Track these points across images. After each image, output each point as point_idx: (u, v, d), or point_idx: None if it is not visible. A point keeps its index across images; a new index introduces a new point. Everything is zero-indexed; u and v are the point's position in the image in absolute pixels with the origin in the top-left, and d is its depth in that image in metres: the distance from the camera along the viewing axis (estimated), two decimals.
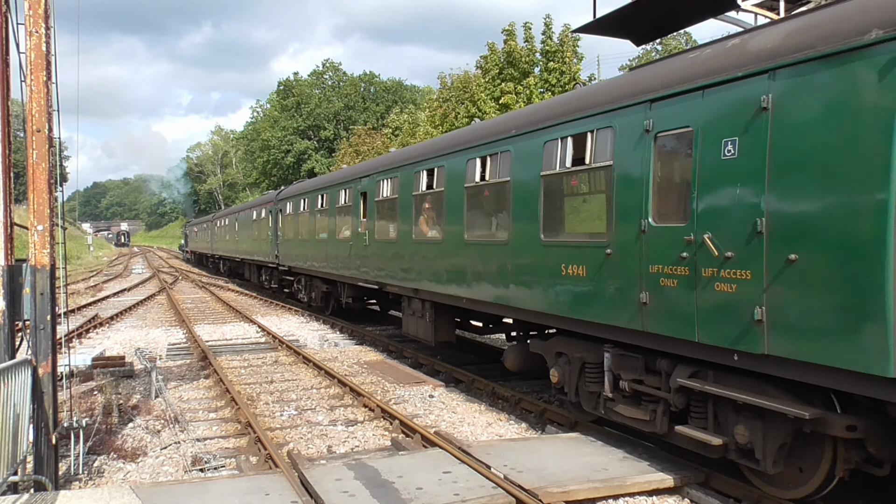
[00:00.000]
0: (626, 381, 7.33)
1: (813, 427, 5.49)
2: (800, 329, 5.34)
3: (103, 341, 17.11)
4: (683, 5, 8.53)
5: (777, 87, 5.53)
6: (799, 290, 5.33)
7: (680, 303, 6.39)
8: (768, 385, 5.87)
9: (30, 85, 6.76)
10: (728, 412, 6.26)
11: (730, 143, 5.91)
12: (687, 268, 6.30)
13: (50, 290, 6.85)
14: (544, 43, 28.60)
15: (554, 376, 8.64)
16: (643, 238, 6.81)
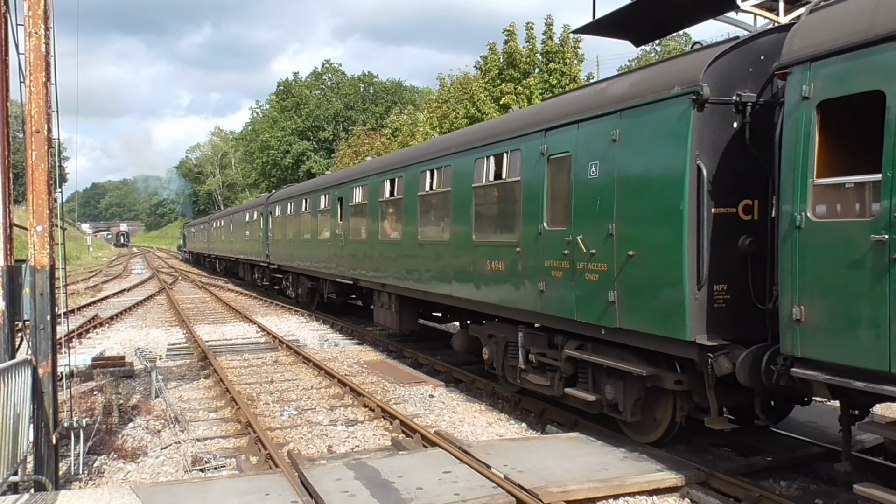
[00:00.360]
0: (533, 355, 8.99)
1: (654, 383, 7.19)
2: (637, 307, 7.05)
3: (103, 341, 17.12)
4: (683, 6, 8.56)
5: (622, 124, 7.25)
6: (635, 278, 7.06)
7: (564, 289, 8.09)
8: (629, 353, 7.41)
9: (29, 86, 6.77)
10: (601, 375, 7.95)
11: (593, 165, 7.63)
12: (568, 262, 8.01)
13: (49, 290, 6.85)
14: (545, 44, 28.59)
15: (485, 354, 10.31)
16: (540, 239, 8.56)
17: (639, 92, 7.17)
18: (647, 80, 7.31)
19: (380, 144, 44.04)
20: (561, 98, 9.44)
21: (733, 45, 6.62)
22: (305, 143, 70.98)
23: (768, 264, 6.32)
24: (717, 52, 6.57)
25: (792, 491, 6.79)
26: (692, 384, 6.91)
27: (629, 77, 7.77)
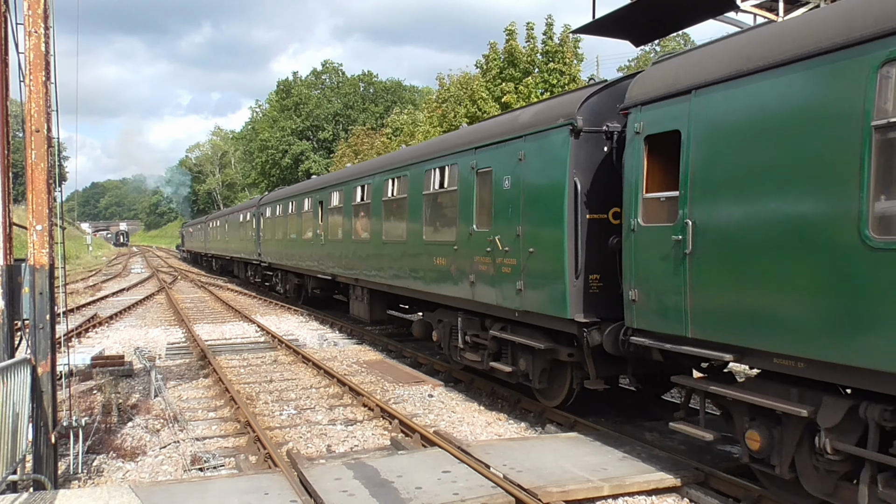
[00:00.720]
0: (469, 336, 10.61)
1: (553, 356, 8.78)
2: (536, 293, 8.69)
3: (102, 341, 17.11)
4: (682, 6, 8.56)
5: (526, 146, 8.91)
6: (534, 270, 8.68)
7: (489, 280, 9.71)
8: (538, 332, 8.93)
9: (29, 85, 6.77)
10: (517, 351, 9.57)
11: (507, 179, 9.25)
12: (490, 258, 9.62)
13: (49, 289, 6.85)
14: (545, 43, 28.60)
15: (435, 337, 12.07)
16: (471, 238, 10.20)
17: (536, 122, 8.88)
18: (543, 112, 8.97)
19: (380, 144, 44.02)
20: (489, 122, 11.32)
21: (603, 87, 8.29)
22: (304, 143, 70.97)
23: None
24: (590, 91, 8.27)
25: (793, 490, 6.79)
26: (580, 356, 8.46)
27: (533, 108, 9.57)
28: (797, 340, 5.43)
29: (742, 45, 6.21)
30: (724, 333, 6.10)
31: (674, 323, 6.61)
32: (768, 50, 5.77)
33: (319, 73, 76.15)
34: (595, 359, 8.22)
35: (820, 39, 5.31)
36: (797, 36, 5.60)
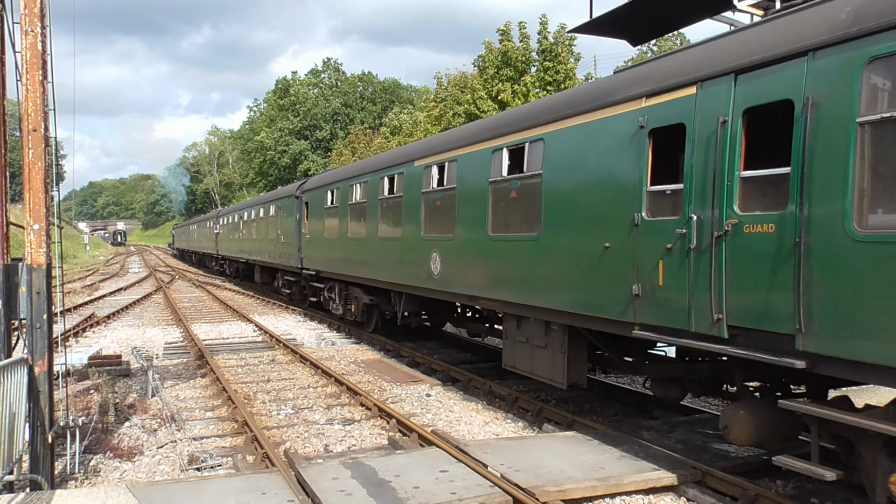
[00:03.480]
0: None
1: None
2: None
3: (100, 340, 17.09)
4: (679, 6, 8.55)
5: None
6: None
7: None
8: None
9: (26, 84, 6.76)
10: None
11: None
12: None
13: (46, 288, 6.84)
14: (540, 42, 28.65)
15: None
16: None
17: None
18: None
19: (379, 144, 44.04)
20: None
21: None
22: (303, 143, 70.89)
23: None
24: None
25: (788, 490, 6.81)
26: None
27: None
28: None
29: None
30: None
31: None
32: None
33: (319, 72, 76.10)
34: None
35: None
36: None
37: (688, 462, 7.05)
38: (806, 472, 5.32)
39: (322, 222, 19.18)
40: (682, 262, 6.65)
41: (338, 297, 18.62)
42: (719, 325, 6.24)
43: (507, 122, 10.43)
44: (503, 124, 10.36)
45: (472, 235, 10.78)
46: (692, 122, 6.61)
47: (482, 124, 11.81)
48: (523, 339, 9.67)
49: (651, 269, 7.04)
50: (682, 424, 8.81)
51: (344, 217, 17.17)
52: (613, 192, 7.60)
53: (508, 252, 9.74)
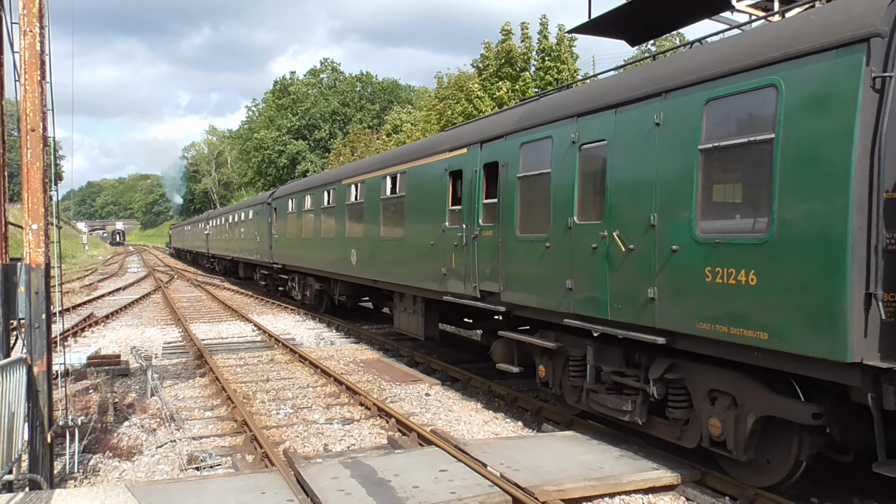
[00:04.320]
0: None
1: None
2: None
3: (99, 340, 17.09)
4: (678, 6, 8.56)
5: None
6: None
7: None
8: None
9: (24, 84, 6.75)
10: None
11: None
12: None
13: (45, 288, 6.84)
14: (540, 42, 28.69)
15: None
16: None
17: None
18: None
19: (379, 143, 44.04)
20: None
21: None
22: (301, 143, 70.83)
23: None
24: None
25: (787, 489, 6.81)
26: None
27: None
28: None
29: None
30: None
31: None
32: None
33: (318, 72, 76.05)
34: None
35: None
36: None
37: (687, 461, 7.05)
38: (504, 370, 9.77)
39: (286, 225, 23.35)
40: (460, 253, 10.79)
41: (297, 285, 22.96)
42: (475, 289, 10.33)
43: (391, 158, 15.05)
44: (389, 159, 14.95)
45: (373, 236, 15.03)
46: (465, 168, 10.78)
47: (379, 157, 17.07)
48: (402, 309, 13.82)
49: (450, 257, 11.15)
50: None
51: (300, 220, 21.38)
52: (434, 209, 11.74)
53: (391, 249, 14.02)
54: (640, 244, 6.97)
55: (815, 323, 5.35)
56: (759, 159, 5.83)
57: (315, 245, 19.65)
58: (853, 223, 5.08)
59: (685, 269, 6.45)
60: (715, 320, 6.14)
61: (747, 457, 6.33)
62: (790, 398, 5.95)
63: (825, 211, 5.28)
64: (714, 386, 6.59)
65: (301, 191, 21.87)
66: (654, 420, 7.38)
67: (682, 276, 6.50)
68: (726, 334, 6.03)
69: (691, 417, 6.90)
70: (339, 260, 17.20)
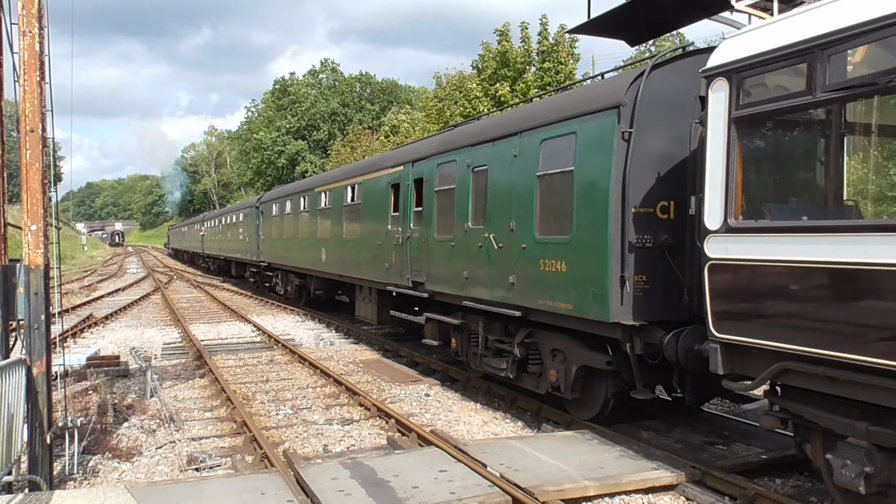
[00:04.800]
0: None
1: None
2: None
3: (98, 341, 17.08)
4: (677, 6, 8.55)
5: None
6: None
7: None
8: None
9: (23, 85, 6.75)
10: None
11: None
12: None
13: (44, 289, 6.83)
14: (540, 43, 28.68)
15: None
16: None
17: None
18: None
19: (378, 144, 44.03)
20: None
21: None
22: (300, 144, 70.76)
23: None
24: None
25: (787, 489, 6.82)
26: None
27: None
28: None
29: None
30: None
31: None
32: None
33: (317, 72, 76.00)
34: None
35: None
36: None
37: (687, 461, 7.05)
38: (428, 343, 12.42)
39: (271, 227, 25.72)
40: (398, 251, 13.12)
41: (281, 281, 25.77)
42: (408, 280, 12.59)
43: (352, 170, 17.90)
44: (351, 171, 17.81)
45: (338, 237, 17.45)
46: (401, 182, 13.16)
47: (343, 169, 20.23)
48: (361, 299, 16.17)
49: (391, 254, 13.49)
50: (681, 424, 8.81)
51: (282, 223, 23.83)
52: (381, 215, 14.19)
53: (351, 248, 16.40)
54: (506, 243, 9.41)
55: (594, 296, 7.66)
56: (567, 184, 8.16)
57: (294, 245, 22.07)
58: (611, 229, 7.44)
59: (530, 261, 8.82)
60: (546, 297, 8.53)
61: (573, 396, 8.66)
62: (595, 352, 8.16)
63: (596, 220, 7.64)
64: (554, 346, 8.89)
65: (283, 196, 24.48)
66: (521, 375, 9.63)
67: (528, 267, 8.87)
68: (552, 307, 8.43)
69: (543, 371, 9.17)
70: (313, 258, 19.58)
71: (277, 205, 24.79)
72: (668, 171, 7.49)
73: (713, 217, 6.08)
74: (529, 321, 9.14)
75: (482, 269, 9.99)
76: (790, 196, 6.51)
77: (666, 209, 7.54)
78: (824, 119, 5.93)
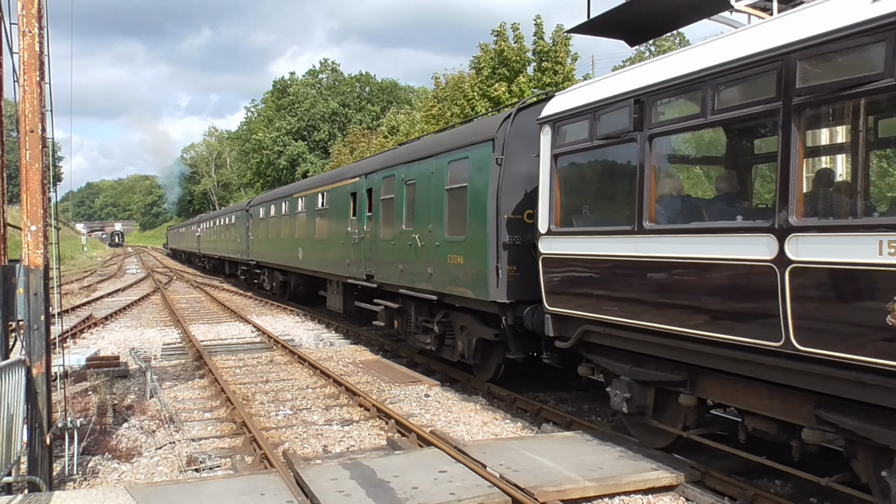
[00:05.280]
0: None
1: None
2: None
3: (98, 341, 17.07)
4: (677, 6, 8.56)
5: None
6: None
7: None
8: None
9: (23, 85, 6.74)
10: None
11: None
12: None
13: (44, 290, 6.83)
14: (536, 44, 28.72)
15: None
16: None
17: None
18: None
19: (377, 144, 44.04)
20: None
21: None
22: (300, 144, 70.70)
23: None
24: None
25: (787, 490, 6.81)
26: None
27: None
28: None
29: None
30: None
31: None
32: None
33: (317, 72, 75.95)
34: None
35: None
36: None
37: (687, 462, 7.05)
38: (377, 325, 14.59)
39: (259, 228, 28.26)
40: (356, 249, 15.49)
41: (267, 278, 28.33)
42: (363, 274, 14.92)
43: (323, 179, 21.05)
44: (322, 180, 20.77)
45: (311, 238, 20.06)
46: (357, 191, 15.74)
47: (316, 178, 25.21)
48: (331, 292, 18.78)
49: (350, 252, 15.92)
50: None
51: (268, 225, 26.46)
52: (343, 218, 16.70)
53: (321, 247, 18.90)
54: (426, 242, 11.79)
55: (479, 282, 10.02)
56: (463, 196, 10.65)
57: (278, 245, 24.73)
58: (490, 231, 9.81)
59: (442, 256, 11.22)
60: (453, 284, 10.92)
61: (475, 362, 11.14)
62: (488, 327, 10.36)
63: (480, 224, 10.06)
64: (461, 323, 11.21)
65: (268, 200, 27.40)
66: (442, 347, 12.02)
67: (441, 260, 11.24)
68: (457, 291, 10.81)
69: (455, 344, 11.52)
70: (293, 256, 22.08)
71: (264, 208, 27.47)
72: (532, 189, 9.10)
73: (543, 224, 8.43)
74: (444, 304, 11.52)
75: (411, 263, 12.46)
76: (589, 209, 8.65)
77: (532, 216, 9.22)
78: (600, 158, 8.24)
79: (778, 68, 5.53)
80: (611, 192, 8.48)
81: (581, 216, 8.45)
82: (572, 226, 8.23)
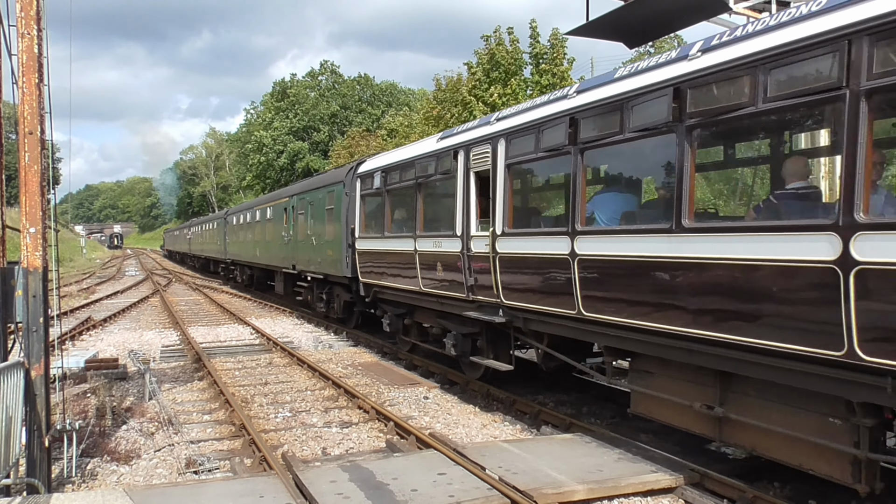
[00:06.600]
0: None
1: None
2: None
3: (96, 343, 17.05)
4: (675, 8, 8.58)
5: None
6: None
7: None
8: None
9: (22, 87, 6.75)
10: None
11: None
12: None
13: (42, 292, 6.82)
14: (532, 46, 28.81)
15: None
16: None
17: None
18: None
19: (377, 146, 44.06)
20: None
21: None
22: (300, 143, 70.69)
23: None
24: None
25: (786, 492, 6.81)
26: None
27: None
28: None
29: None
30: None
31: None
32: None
33: (316, 74, 75.96)
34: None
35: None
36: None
37: (686, 464, 7.04)
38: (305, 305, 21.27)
39: (233, 233, 34.81)
40: (287, 247, 22.55)
41: (239, 273, 34.98)
42: (291, 265, 21.86)
43: (270, 198, 27.92)
44: (269, 198, 27.87)
45: (263, 239, 26.85)
46: (287, 208, 22.97)
47: (265, 197, 34.87)
48: (277, 280, 25.11)
49: (284, 249, 22.98)
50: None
51: (238, 230, 33.02)
52: (280, 226, 23.54)
53: (270, 247, 25.16)
54: (318, 241, 18.47)
55: (339, 266, 16.52)
56: (332, 213, 17.30)
57: (244, 246, 31.58)
58: (343, 234, 16.19)
59: (325, 250, 17.50)
60: (330, 268, 17.29)
61: (342, 316, 18.08)
62: (349, 293, 16.62)
63: (338, 231, 16.76)
64: (337, 292, 17.78)
65: (238, 211, 35.03)
66: (329, 309, 18.86)
67: (324, 253, 17.26)
68: (331, 270, 17.26)
69: (334, 306, 18.44)
70: (254, 254, 28.90)
71: (236, 217, 34.78)
72: (369, 211, 14.75)
73: (355, 231, 15.05)
74: (328, 280, 18.24)
75: (312, 255, 19.14)
76: (374, 227, 14.31)
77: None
78: (383, 199, 13.91)
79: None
80: (384, 213, 13.82)
81: (372, 229, 14.37)
82: (370, 234, 14.37)
